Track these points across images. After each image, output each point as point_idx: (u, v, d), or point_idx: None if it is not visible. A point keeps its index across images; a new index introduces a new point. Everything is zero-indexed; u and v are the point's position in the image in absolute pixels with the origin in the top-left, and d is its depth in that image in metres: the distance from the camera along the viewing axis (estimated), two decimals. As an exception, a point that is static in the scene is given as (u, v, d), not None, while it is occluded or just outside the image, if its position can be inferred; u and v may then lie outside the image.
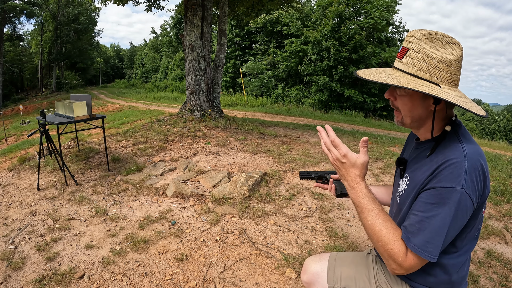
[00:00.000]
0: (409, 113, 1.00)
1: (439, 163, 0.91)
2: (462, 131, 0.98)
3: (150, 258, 2.35)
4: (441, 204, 0.88)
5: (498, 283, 2.13)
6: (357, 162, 1.00)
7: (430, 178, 0.92)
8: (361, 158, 1.00)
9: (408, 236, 0.91)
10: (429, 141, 1.04)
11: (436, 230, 0.88)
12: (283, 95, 20.14)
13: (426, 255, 0.88)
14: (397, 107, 1.02)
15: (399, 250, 0.92)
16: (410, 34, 0.97)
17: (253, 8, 10.13)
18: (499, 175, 4.30)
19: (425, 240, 0.88)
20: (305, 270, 1.29)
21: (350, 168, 1.01)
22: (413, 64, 0.94)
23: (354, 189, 1.01)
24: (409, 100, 0.98)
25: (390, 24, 18.15)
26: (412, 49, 0.94)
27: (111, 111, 13.49)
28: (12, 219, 2.94)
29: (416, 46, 0.93)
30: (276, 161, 4.63)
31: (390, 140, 6.94)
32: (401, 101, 1.00)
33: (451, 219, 0.87)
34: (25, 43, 39.30)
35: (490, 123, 42.65)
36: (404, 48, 0.96)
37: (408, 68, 0.94)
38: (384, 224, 0.95)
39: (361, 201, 0.99)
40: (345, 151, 1.01)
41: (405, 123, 1.03)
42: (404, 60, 0.95)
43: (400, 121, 1.04)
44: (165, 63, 37.47)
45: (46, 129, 3.59)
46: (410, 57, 0.94)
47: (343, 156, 1.01)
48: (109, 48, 65.58)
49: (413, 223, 0.92)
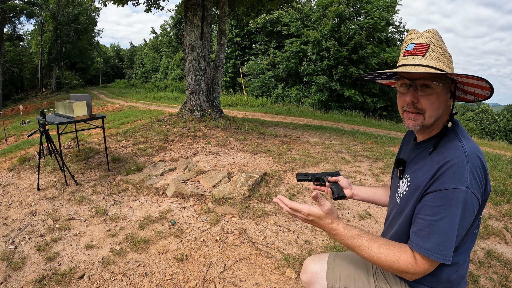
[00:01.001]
0: (435, 112, 0.98)
1: (440, 163, 0.91)
2: (459, 129, 0.99)
3: (150, 258, 2.35)
4: (447, 206, 0.88)
5: (498, 283, 2.13)
6: (322, 214, 1.04)
7: (433, 180, 0.92)
8: (323, 208, 1.03)
9: (419, 242, 0.91)
10: (428, 140, 1.04)
11: (446, 232, 0.88)
12: (283, 95, 20.13)
13: (441, 258, 0.88)
14: (422, 109, 0.98)
15: (407, 263, 0.93)
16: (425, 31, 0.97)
17: (253, 8, 10.13)
18: (499, 175, 4.30)
19: (437, 244, 0.88)
20: (304, 269, 1.29)
21: (319, 221, 1.05)
22: (438, 58, 0.94)
23: (335, 235, 1.04)
24: (436, 98, 0.96)
25: (390, 24, 18.14)
26: (433, 44, 0.94)
27: (111, 111, 13.49)
28: (12, 219, 2.94)
29: (435, 41, 0.94)
30: (276, 161, 4.63)
31: (390, 140, 6.94)
32: (427, 101, 0.97)
33: (459, 220, 0.87)
34: (25, 43, 39.31)
35: (490, 123, 42.63)
36: (424, 45, 0.95)
37: (435, 63, 0.94)
38: (379, 250, 0.96)
39: (347, 242, 1.02)
40: (307, 211, 1.04)
41: (427, 124, 0.99)
42: (428, 56, 0.94)
43: (421, 124, 0.99)
44: (165, 63, 37.46)
45: (46, 129, 3.59)
46: (434, 52, 0.94)
47: (307, 215, 1.05)
48: (109, 48, 65.57)
49: (422, 228, 0.92)
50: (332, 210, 1.04)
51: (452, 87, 0.99)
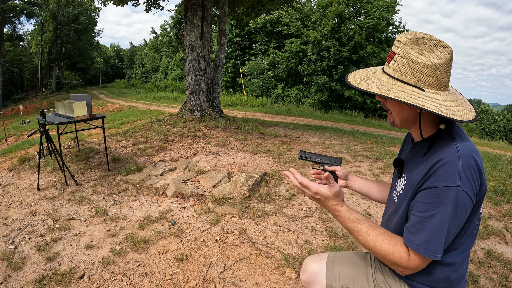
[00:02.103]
0: (398, 115, 1.03)
1: (433, 162, 0.93)
2: (456, 129, 0.99)
3: (150, 258, 2.35)
4: (438, 203, 0.89)
5: (498, 283, 2.13)
6: (329, 194, 1.07)
7: (425, 177, 0.94)
8: (332, 190, 1.06)
9: (410, 237, 0.94)
10: (424, 140, 1.05)
11: (435, 229, 0.89)
12: (283, 95, 20.13)
13: (429, 254, 0.90)
14: (388, 109, 1.06)
15: (400, 256, 0.95)
16: (398, 38, 0.98)
17: (253, 8, 10.13)
18: (499, 175, 4.30)
19: (426, 239, 0.90)
20: (304, 269, 1.29)
21: (326, 201, 1.08)
22: (398, 69, 0.96)
23: (337, 216, 1.08)
24: (396, 103, 1.00)
25: (390, 24, 18.14)
26: (398, 54, 0.96)
27: (111, 111, 13.49)
28: (12, 219, 2.94)
29: (401, 51, 0.95)
30: (276, 161, 4.63)
31: (390, 140, 6.94)
32: (390, 104, 1.04)
33: (450, 217, 0.88)
34: (25, 43, 39.31)
35: (490, 123, 42.63)
36: (392, 53, 0.98)
37: (394, 72, 0.97)
38: (376, 238, 0.99)
39: (348, 225, 1.05)
40: (315, 189, 1.08)
41: (396, 124, 1.06)
42: (391, 65, 0.98)
43: (392, 122, 1.07)
44: (165, 63, 37.46)
45: (46, 129, 3.59)
46: (396, 62, 0.96)
47: (315, 193, 1.08)
48: (109, 48, 65.57)
49: (413, 223, 0.95)
50: (340, 193, 1.08)
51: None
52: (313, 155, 1.40)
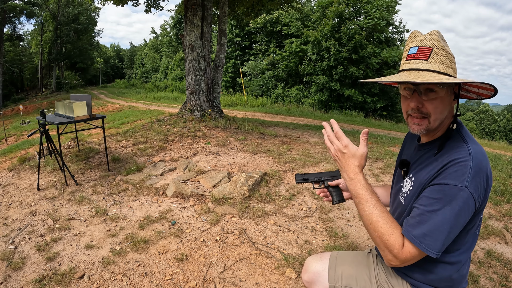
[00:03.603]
0: (440, 116, 0.98)
1: (445, 162, 0.92)
2: (464, 131, 1.00)
3: (150, 258, 2.34)
4: (443, 200, 0.89)
5: (498, 283, 2.13)
6: (357, 153, 1.04)
7: (435, 175, 0.94)
8: (360, 149, 1.04)
9: (408, 228, 0.93)
10: (433, 142, 1.05)
11: (436, 224, 0.89)
12: (283, 95, 20.13)
13: (423, 247, 0.89)
14: (427, 113, 0.98)
15: (395, 241, 0.93)
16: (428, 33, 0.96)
17: (253, 8, 10.13)
18: (499, 175, 4.30)
19: (424, 233, 0.89)
20: (306, 269, 1.29)
21: (350, 158, 1.04)
22: (441, 62, 0.93)
23: (352, 180, 1.04)
24: (440, 102, 0.97)
25: (390, 24, 18.14)
26: (436, 47, 0.94)
27: (111, 111, 13.49)
28: (12, 219, 2.94)
29: (438, 43, 0.94)
30: (276, 161, 4.63)
31: (390, 140, 6.94)
32: (432, 105, 0.97)
33: (453, 216, 0.88)
34: (25, 43, 39.32)
35: (490, 123, 42.62)
36: (427, 48, 0.94)
37: (439, 67, 0.93)
38: (381, 215, 0.97)
39: (359, 191, 1.02)
40: (346, 142, 1.05)
41: (432, 128, 1.00)
42: (431, 60, 0.94)
43: (426, 128, 0.99)
44: (165, 63, 37.46)
45: (46, 129, 3.59)
46: (437, 55, 0.94)
47: (344, 146, 1.05)
48: (109, 48, 65.53)
49: (414, 215, 0.94)
50: (365, 158, 1.05)
51: (456, 88, 1.00)
52: (310, 175, 1.39)
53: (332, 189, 1.34)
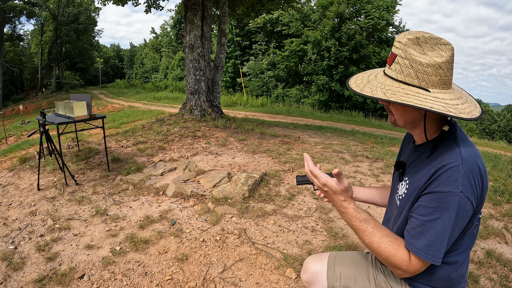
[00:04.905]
0: (402, 117, 1.01)
1: (437, 167, 0.92)
2: (458, 132, 0.98)
3: (150, 258, 2.35)
4: (441, 208, 0.89)
5: (498, 283, 2.13)
6: (337, 189, 1.05)
7: (429, 182, 0.94)
8: (341, 185, 1.05)
9: (411, 241, 0.94)
10: (426, 143, 1.05)
11: (437, 233, 0.90)
12: (283, 95, 20.13)
13: (430, 258, 0.90)
14: (390, 111, 1.04)
15: (402, 259, 0.95)
16: (398, 39, 0.95)
17: (253, 8, 10.13)
18: (499, 175, 4.30)
19: (427, 244, 0.90)
20: (305, 269, 1.29)
21: (333, 195, 1.07)
22: (401, 70, 0.93)
23: (343, 213, 1.06)
24: (400, 106, 0.98)
25: (390, 24, 18.15)
26: (399, 55, 0.93)
27: (111, 111, 13.49)
28: (12, 219, 2.94)
29: (403, 52, 0.92)
30: (276, 161, 4.63)
31: (390, 140, 6.94)
32: (393, 107, 1.01)
33: (452, 223, 0.89)
34: (25, 43, 39.32)
35: (490, 123, 42.61)
36: (393, 55, 0.96)
37: (396, 75, 0.94)
38: (381, 240, 0.98)
39: (353, 223, 1.04)
40: (324, 180, 1.06)
41: (399, 125, 1.05)
42: (392, 67, 0.96)
43: (393, 122, 1.05)
44: (165, 63, 37.46)
45: (46, 129, 3.59)
46: (398, 64, 0.94)
47: (323, 185, 1.07)
48: (109, 48, 65.53)
49: (414, 226, 0.94)
50: (348, 189, 1.06)
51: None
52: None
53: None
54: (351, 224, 1.04)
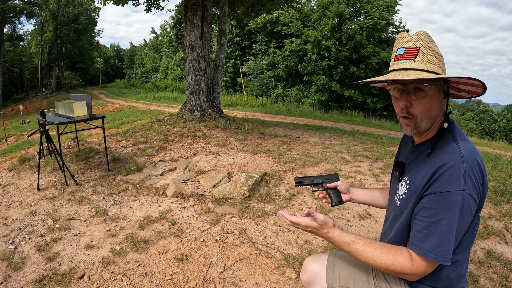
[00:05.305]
0: (427, 115, 0.99)
1: (437, 166, 0.93)
2: (455, 130, 1.00)
3: (150, 258, 2.35)
4: (445, 208, 0.89)
5: (498, 283, 2.13)
6: (317, 226, 1.11)
7: (430, 182, 0.94)
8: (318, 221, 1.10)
9: (418, 243, 0.93)
10: (425, 142, 1.05)
11: (444, 233, 0.89)
12: (283, 95, 20.12)
13: (439, 259, 0.90)
14: (414, 114, 0.99)
15: (402, 265, 0.95)
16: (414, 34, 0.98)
17: (253, 8, 10.13)
18: (499, 175, 4.30)
19: (435, 245, 0.90)
20: (304, 269, 1.29)
21: (317, 231, 1.12)
22: (428, 61, 0.95)
23: (333, 243, 1.11)
24: (429, 101, 0.97)
25: (390, 24, 18.13)
26: (423, 47, 0.95)
27: (111, 111, 13.49)
28: (12, 219, 2.94)
29: (425, 43, 0.95)
30: (276, 161, 4.63)
31: (390, 140, 6.94)
32: (420, 105, 0.98)
33: (457, 221, 0.89)
34: (25, 43, 39.32)
35: (490, 123, 42.60)
36: (413, 48, 0.96)
37: (426, 65, 0.94)
38: (373, 254, 1.00)
39: (344, 248, 1.07)
40: (305, 224, 1.12)
41: (421, 127, 1.01)
42: (418, 59, 0.95)
43: (415, 127, 1.01)
44: (165, 63, 37.45)
45: (46, 129, 3.59)
46: (424, 55, 0.95)
47: (305, 227, 1.13)
48: (109, 48, 65.52)
49: (420, 229, 0.94)
50: (326, 222, 1.11)
51: (445, 87, 1.00)
52: (309, 178, 1.43)
53: (331, 191, 1.39)
54: (343, 249, 1.08)
